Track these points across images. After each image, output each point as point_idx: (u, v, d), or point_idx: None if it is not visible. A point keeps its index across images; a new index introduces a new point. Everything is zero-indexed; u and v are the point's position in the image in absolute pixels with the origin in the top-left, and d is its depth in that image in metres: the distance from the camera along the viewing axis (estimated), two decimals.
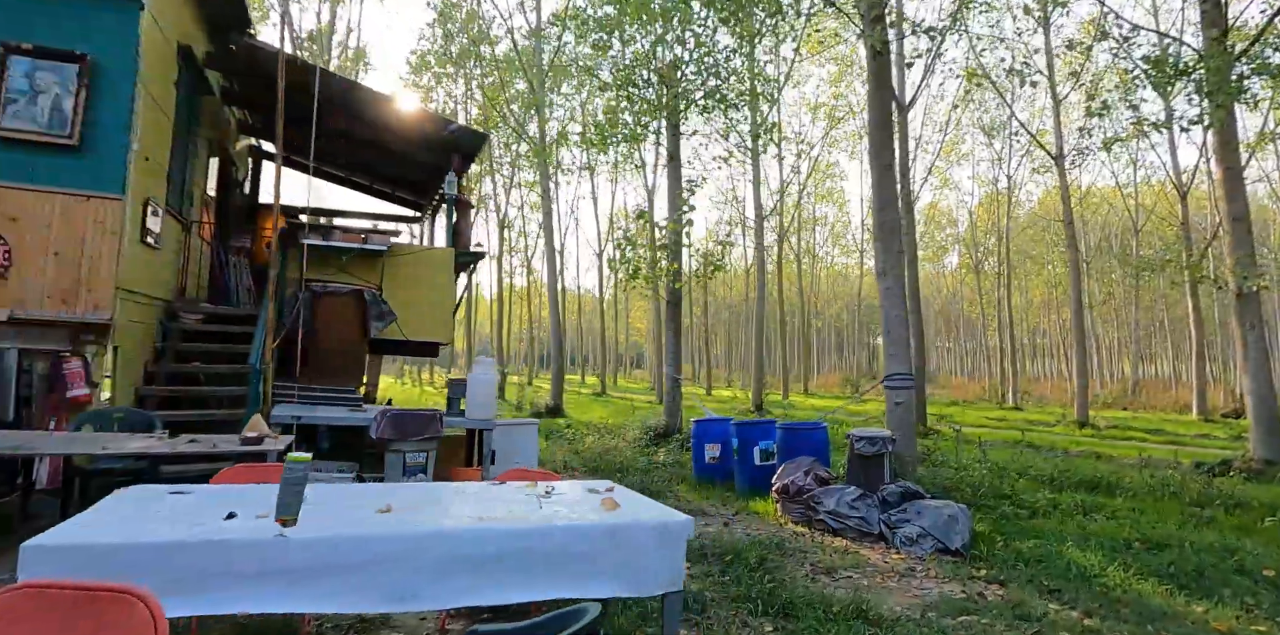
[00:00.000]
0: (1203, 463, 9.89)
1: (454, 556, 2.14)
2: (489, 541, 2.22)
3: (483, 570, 2.18)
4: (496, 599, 2.20)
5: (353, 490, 2.83)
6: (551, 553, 2.26)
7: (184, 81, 7.17)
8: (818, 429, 7.75)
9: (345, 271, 8.02)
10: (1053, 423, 18.00)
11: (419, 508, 2.49)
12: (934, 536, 5.59)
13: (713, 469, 8.47)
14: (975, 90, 20.55)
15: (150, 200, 6.30)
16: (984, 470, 7.84)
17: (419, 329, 8.38)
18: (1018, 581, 4.69)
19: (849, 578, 4.82)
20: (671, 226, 11.21)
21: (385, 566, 2.05)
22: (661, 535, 2.41)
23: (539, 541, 2.26)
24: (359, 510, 2.43)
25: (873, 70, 7.48)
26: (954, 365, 57.48)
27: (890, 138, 7.65)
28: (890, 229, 7.58)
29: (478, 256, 9.14)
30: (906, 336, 7.55)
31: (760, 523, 6.56)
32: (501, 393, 23.25)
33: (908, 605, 4.25)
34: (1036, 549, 5.43)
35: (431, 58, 25.99)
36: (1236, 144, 10.05)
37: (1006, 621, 3.92)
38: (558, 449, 11.37)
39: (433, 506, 2.52)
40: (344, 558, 2.03)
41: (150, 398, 6.43)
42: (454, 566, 2.13)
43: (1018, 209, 34.72)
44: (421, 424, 5.64)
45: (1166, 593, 4.51)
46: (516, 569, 2.22)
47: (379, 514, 2.37)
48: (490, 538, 2.23)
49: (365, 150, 10.29)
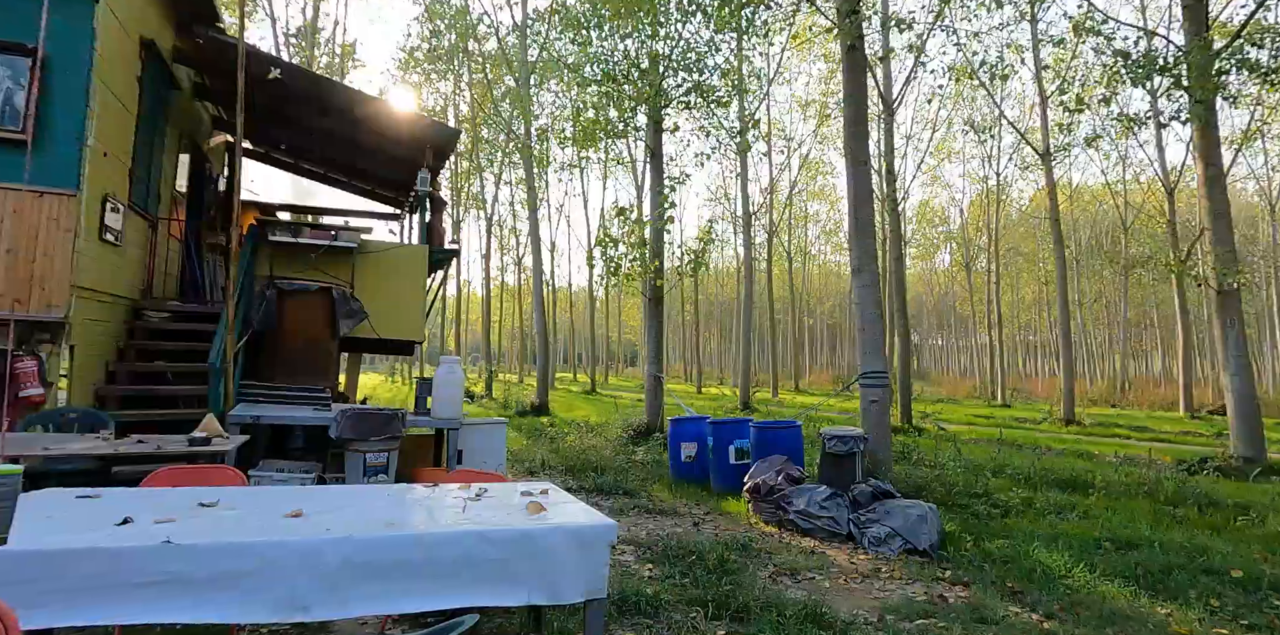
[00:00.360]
0: (1183, 460, 9.86)
1: (352, 564, 2.06)
2: (390, 548, 2.13)
3: (383, 578, 2.10)
4: (398, 608, 2.12)
5: (276, 493, 2.75)
6: (461, 559, 2.18)
7: (148, 76, 7.05)
8: (792, 427, 7.69)
9: (316, 269, 7.92)
10: (1039, 420, 17.98)
11: (332, 512, 2.41)
12: (902, 537, 5.52)
13: (689, 468, 8.40)
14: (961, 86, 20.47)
15: (110, 196, 6.18)
16: (958, 468, 7.78)
17: (391, 327, 8.28)
18: (982, 583, 4.62)
19: (811, 579, 4.75)
20: (649, 224, 11.12)
21: (277, 575, 1.97)
22: (582, 540, 2.33)
23: (447, 548, 2.18)
24: (269, 515, 2.34)
25: (847, 65, 7.40)
26: (947, 363, 57.56)
27: (866, 134, 7.57)
28: (866, 226, 7.50)
29: (452, 254, 9.04)
30: (881, 334, 7.48)
31: (731, 523, 6.48)
32: (489, 391, 23.16)
33: (868, 608, 4.18)
34: (1005, 549, 5.38)
35: (420, 54, 25.84)
36: (1217, 140, 10.00)
37: (964, 625, 3.86)
38: (539, 447, 11.28)
39: (347, 511, 2.43)
40: (233, 565, 1.94)
41: (111, 397, 6.33)
42: (351, 574, 2.05)
43: (1009, 207, 34.74)
44: (382, 423, 5.55)
45: (1131, 594, 4.45)
46: (421, 576, 2.14)
47: (286, 519, 2.29)
48: (391, 545, 2.14)
49: (341, 147, 10.19)
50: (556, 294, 45.44)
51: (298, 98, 8.63)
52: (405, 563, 2.14)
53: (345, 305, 7.62)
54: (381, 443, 5.54)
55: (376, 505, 2.58)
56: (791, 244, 36.04)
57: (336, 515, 2.37)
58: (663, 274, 11.88)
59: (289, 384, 7.15)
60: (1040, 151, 17.80)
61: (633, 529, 6.09)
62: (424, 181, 8.43)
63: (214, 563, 1.93)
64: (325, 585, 2.03)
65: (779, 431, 7.59)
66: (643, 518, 6.59)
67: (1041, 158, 17.84)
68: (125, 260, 6.80)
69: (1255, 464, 9.54)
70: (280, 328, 7.30)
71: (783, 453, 7.22)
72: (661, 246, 11.97)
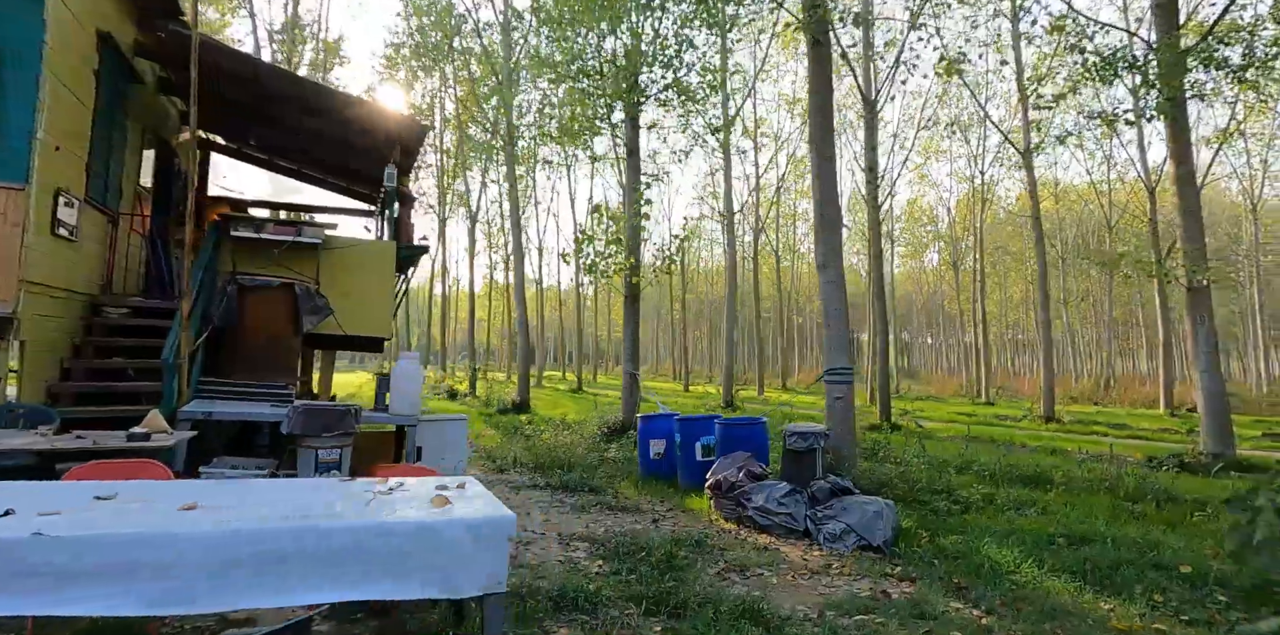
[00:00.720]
0: (1153, 457, 9.89)
1: (238, 557, 2.03)
2: (279, 541, 2.11)
3: (273, 571, 2.07)
4: (288, 600, 2.09)
5: (180, 487, 2.71)
6: (353, 552, 2.15)
7: (106, 70, 6.98)
8: (757, 425, 7.68)
9: (280, 265, 7.84)
10: (1020, 417, 18.04)
11: (232, 506, 2.37)
12: (857, 533, 5.52)
13: (658, 465, 8.38)
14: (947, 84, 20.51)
15: (63, 190, 6.12)
16: (923, 465, 7.78)
17: (358, 323, 8.22)
18: (928, 579, 4.61)
19: (760, 576, 4.73)
20: (624, 221, 11.09)
21: (153, 567, 1.93)
22: (479, 534, 2.30)
23: (339, 540, 2.15)
24: (165, 509, 2.30)
25: (812, 59, 7.38)
26: (938, 361, 57.73)
27: (831, 130, 7.56)
28: (831, 222, 7.49)
29: (421, 250, 8.99)
30: (846, 331, 7.47)
31: (692, 520, 6.47)
32: (473, 389, 23.10)
33: (810, 604, 4.17)
34: (958, 545, 5.38)
35: (407, 50, 25.72)
36: (1189, 138, 10.03)
37: (901, 621, 3.85)
38: (513, 445, 11.25)
39: (248, 504, 2.40)
40: (107, 558, 1.90)
41: (65, 394, 6.26)
42: (239, 567, 2.02)
43: (997, 206, 34.82)
44: (335, 419, 5.50)
45: (1076, 589, 4.45)
46: (313, 569, 2.11)
47: (180, 512, 2.25)
48: (280, 537, 2.11)
49: (311, 142, 10.13)
50: (545, 292, 45.42)
51: (268, 93, 8.56)
52: (296, 555, 2.11)
53: (309, 301, 7.56)
54: (334, 439, 5.49)
55: (281, 498, 2.55)
56: (780, 242, 36.08)
57: (235, 509, 2.34)
58: (639, 272, 11.86)
59: (250, 380, 7.10)
60: (1021, 150, 17.85)
61: (591, 526, 6.07)
62: (390, 177, 8.37)
63: (88, 555, 1.89)
64: (210, 578, 2.00)
65: (744, 428, 7.58)
66: (603, 515, 6.57)
67: (1023, 156, 17.89)
68: (81, 255, 6.73)
69: (1224, 460, 9.58)
70: (241, 324, 7.23)
71: (747, 449, 7.20)
72: (638, 244, 11.95)
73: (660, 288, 48.63)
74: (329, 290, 8.03)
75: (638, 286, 11.90)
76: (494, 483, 8.12)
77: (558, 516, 6.44)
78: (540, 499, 7.22)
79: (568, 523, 6.17)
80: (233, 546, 2.06)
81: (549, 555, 5.11)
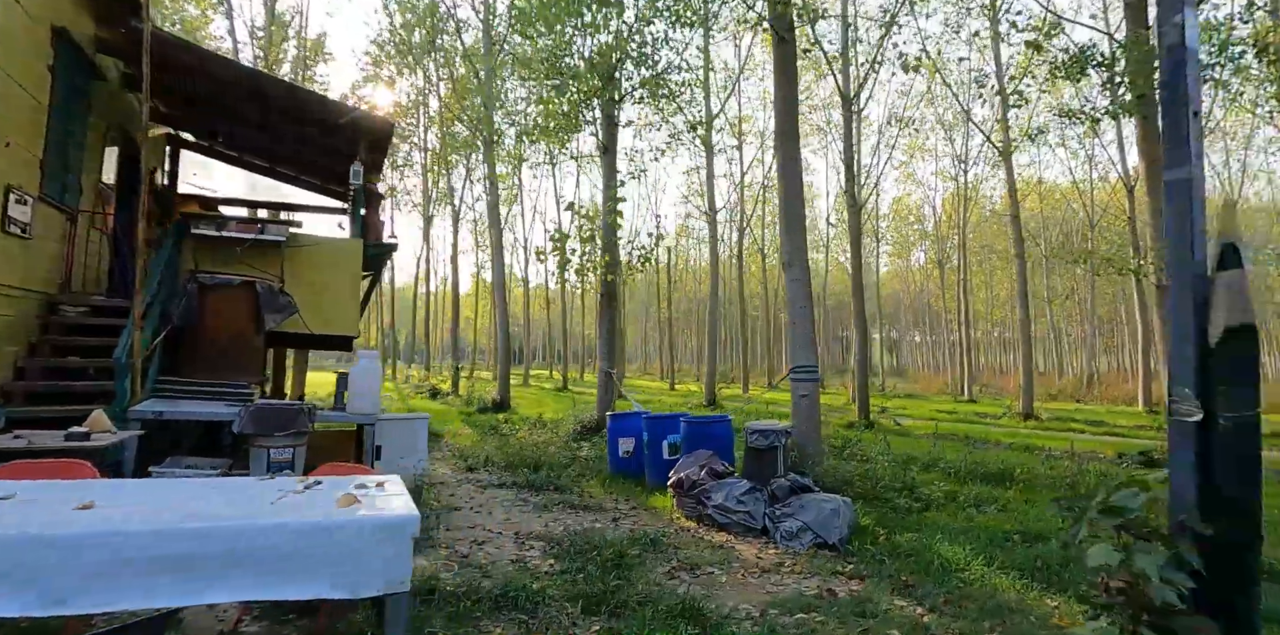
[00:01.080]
0: (1123, 454, 9.93)
1: (122, 557, 1.99)
2: (169, 542, 2.07)
3: (165, 571, 2.04)
4: (177, 601, 2.06)
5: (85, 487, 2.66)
6: (248, 552, 2.12)
7: (62, 65, 6.89)
8: (722, 423, 7.67)
9: (244, 263, 7.79)
10: (999, 415, 18.10)
11: (131, 505, 2.33)
12: (813, 531, 5.51)
13: (626, 463, 8.36)
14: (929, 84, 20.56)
15: (14, 188, 6.04)
16: (887, 462, 7.78)
17: (324, 322, 8.17)
18: (878, 577, 4.61)
19: (710, 574, 4.72)
20: (597, 219, 11.05)
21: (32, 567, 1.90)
22: (381, 533, 2.27)
23: (235, 541, 2.12)
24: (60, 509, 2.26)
25: (777, 57, 7.37)
26: (926, 360, 57.94)
27: (797, 127, 7.55)
28: (796, 220, 7.48)
29: (389, 248, 8.94)
30: (811, 328, 7.46)
31: (654, 518, 6.45)
32: (455, 388, 23.02)
33: (755, 602, 4.15)
34: (913, 542, 5.37)
35: (391, 48, 25.54)
36: (1159, 136, 10.06)
37: (842, 619, 3.83)
38: (489, 443, 11.22)
39: (148, 503, 2.36)
40: None
41: (16, 393, 6.17)
42: (115, 569, 1.98)
43: (982, 205, 34.93)
44: (287, 419, 5.46)
45: (1023, 587, 4.45)
46: (205, 569, 2.07)
47: (74, 511, 2.21)
48: (171, 538, 2.08)
49: (280, 139, 10.04)
50: (534, 291, 45.30)
51: (231, 89, 8.49)
52: (189, 556, 2.08)
53: (271, 300, 7.49)
54: (286, 438, 5.45)
55: (185, 498, 2.51)
56: (767, 241, 36.10)
57: (133, 508, 2.30)
58: (615, 269, 11.83)
59: (212, 380, 7.04)
60: (1000, 150, 17.91)
61: (550, 525, 6.04)
62: (356, 175, 8.31)
63: None
64: (89, 578, 1.96)
65: (709, 426, 7.56)
66: (565, 513, 6.54)
67: (1002, 156, 17.95)
68: (36, 253, 6.65)
69: None
70: (202, 323, 7.17)
71: (713, 447, 7.18)
72: (614, 242, 11.91)
73: (650, 286, 48.65)
74: (294, 289, 7.97)
75: (614, 284, 11.88)
76: (461, 482, 8.09)
77: (519, 515, 6.41)
78: (505, 498, 7.18)
79: (527, 522, 6.14)
80: (122, 547, 2.03)
81: (502, 554, 5.08)
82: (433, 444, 11.70)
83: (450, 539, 5.45)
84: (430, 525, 5.72)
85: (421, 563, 4.62)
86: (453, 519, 6.15)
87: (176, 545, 2.07)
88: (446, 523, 5.98)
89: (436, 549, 5.12)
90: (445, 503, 6.78)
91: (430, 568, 4.48)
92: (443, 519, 6.08)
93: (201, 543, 2.08)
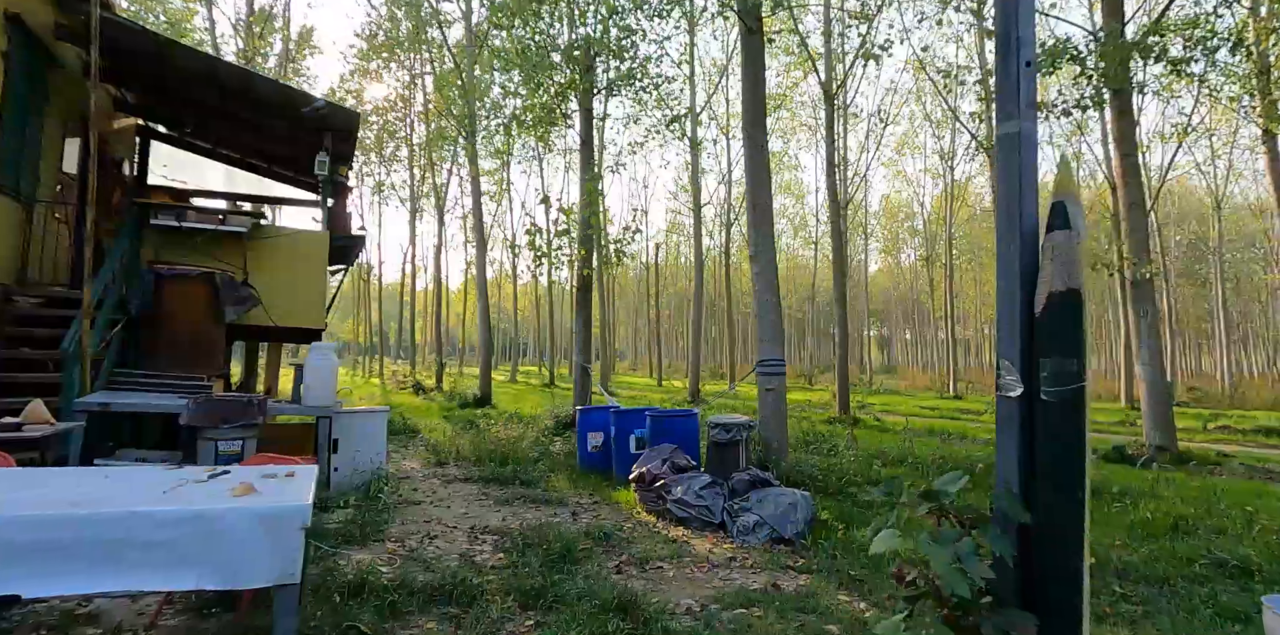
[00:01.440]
0: (1097, 449, 9.91)
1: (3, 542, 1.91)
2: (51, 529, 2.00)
3: (41, 559, 1.96)
4: (49, 591, 1.98)
5: None
6: (124, 541, 2.04)
7: (17, 53, 6.77)
8: (689, 417, 7.60)
9: (204, 254, 7.68)
10: (981, 411, 18.11)
11: (15, 492, 2.25)
12: (770, 525, 5.45)
13: (595, 458, 8.30)
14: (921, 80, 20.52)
15: None
16: (853, 456, 7.73)
17: (289, 314, 8.08)
18: (826, 572, 4.55)
19: (659, 569, 4.66)
20: (571, 212, 10.97)
21: None
22: (268, 523, 2.20)
23: (110, 530, 2.05)
24: None
25: (745, 47, 7.29)
26: (916, 357, 58.06)
27: (764, 120, 7.47)
28: (763, 212, 7.41)
29: (357, 240, 8.84)
30: (779, 322, 7.40)
31: (615, 513, 6.38)
32: (439, 384, 22.91)
33: (700, 597, 4.10)
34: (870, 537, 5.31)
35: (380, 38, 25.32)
36: (1133, 132, 10.05)
37: (781, 613, 3.78)
38: (463, 438, 11.13)
39: (33, 491, 2.29)
40: None
41: None
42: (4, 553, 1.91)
43: (973, 202, 34.96)
44: (236, 410, 5.37)
45: None
46: (78, 559, 2.00)
47: None
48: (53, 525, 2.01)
49: (245, 129, 9.92)
50: (522, 288, 45.18)
51: (195, 77, 8.36)
52: (73, 543, 2.01)
53: (231, 291, 7.39)
54: (235, 430, 5.36)
55: (73, 485, 2.43)
56: None
57: (14, 495, 2.22)
58: (591, 263, 11.75)
59: (171, 372, 6.94)
60: (985, 147, 17.86)
61: (509, 519, 5.97)
62: (321, 166, 8.20)
63: None
64: None
65: (674, 420, 7.50)
66: (526, 507, 6.47)
67: (987, 153, 17.91)
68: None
69: (1167, 453, 9.63)
70: (159, 314, 7.06)
71: (678, 442, 7.13)
72: (590, 235, 11.82)
73: (641, 284, 48.53)
74: (258, 280, 7.87)
75: (589, 277, 11.80)
76: (428, 476, 8.01)
77: (478, 509, 6.34)
78: (468, 492, 7.11)
79: (485, 516, 6.07)
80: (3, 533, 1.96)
81: (453, 549, 5.01)
82: (408, 439, 11.62)
83: (402, 533, 5.37)
84: (383, 520, 5.64)
85: (361, 556, 4.55)
86: (409, 513, 6.08)
87: (62, 533, 2.01)
88: (402, 516, 5.91)
89: (383, 543, 5.04)
90: (406, 497, 6.70)
91: (368, 561, 4.40)
92: (398, 512, 6.00)
93: (84, 531, 2.02)
